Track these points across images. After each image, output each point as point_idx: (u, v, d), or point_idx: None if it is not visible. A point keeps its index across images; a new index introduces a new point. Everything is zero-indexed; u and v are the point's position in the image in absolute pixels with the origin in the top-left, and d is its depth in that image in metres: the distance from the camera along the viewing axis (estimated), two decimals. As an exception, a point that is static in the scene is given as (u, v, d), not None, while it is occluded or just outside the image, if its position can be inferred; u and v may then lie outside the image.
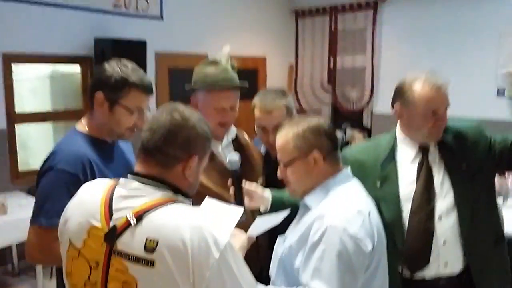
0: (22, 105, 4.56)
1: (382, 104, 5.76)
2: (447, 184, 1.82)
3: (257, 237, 1.58)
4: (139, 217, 1.15)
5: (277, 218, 1.63)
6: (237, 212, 1.57)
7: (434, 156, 1.86)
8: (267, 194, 1.82)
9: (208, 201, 1.66)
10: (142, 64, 4.64)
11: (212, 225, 1.16)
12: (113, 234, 1.16)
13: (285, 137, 1.55)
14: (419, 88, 1.80)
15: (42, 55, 4.49)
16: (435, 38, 5.36)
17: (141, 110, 1.72)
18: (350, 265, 1.37)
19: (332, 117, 6.30)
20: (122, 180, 1.26)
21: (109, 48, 4.50)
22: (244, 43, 5.95)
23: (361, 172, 1.66)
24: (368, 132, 5.73)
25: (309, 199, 1.52)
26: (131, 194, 1.21)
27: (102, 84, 1.66)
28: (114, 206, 1.20)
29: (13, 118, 4.39)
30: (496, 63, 4.99)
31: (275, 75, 6.33)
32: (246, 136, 2.31)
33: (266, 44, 6.28)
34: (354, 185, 1.56)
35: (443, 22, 5.31)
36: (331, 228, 1.37)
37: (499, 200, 2.76)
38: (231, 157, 1.78)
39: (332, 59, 6.06)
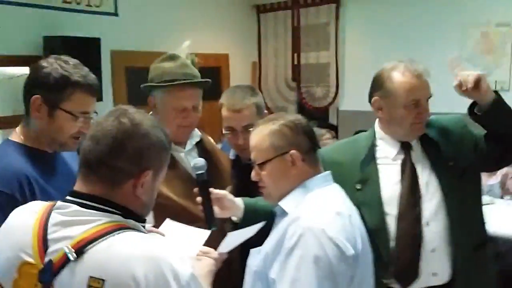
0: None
1: (348, 101, 5.68)
2: (433, 184, 1.70)
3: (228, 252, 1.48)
4: (80, 251, 0.96)
5: (250, 231, 1.50)
6: (202, 235, 1.45)
7: (417, 154, 1.75)
8: (239, 201, 1.70)
9: (168, 223, 1.50)
10: (97, 64, 4.35)
11: (171, 255, 0.98)
12: (48, 272, 0.96)
13: (260, 135, 1.44)
14: (399, 76, 1.68)
15: (-14, 57, 4.13)
16: (399, 32, 5.32)
17: (86, 115, 1.52)
18: (330, 272, 1.25)
19: None
20: (59, 202, 1.05)
21: (60, 47, 4.16)
22: (206, 40, 5.77)
23: (339, 174, 1.55)
24: (335, 130, 5.62)
25: (284, 203, 1.42)
26: (70, 221, 1.00)
27: (38, 85, 1.46)
28: (49, 236, 1.00)
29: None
30: (460, 57, 4.96)
31: (239, 73, 6.21)
32: (211, 140, 2.13)
33: (228, 41, 6.13)
34: (333, 188, 1.47)
35: (407, 16, 5.26)
36: (307, 230, 1.27)
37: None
38: (196, 161, 1.63)
39: (295, 55, 5.98)
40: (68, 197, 1.06)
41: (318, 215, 1.32)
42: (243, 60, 6.35)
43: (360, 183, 1.71)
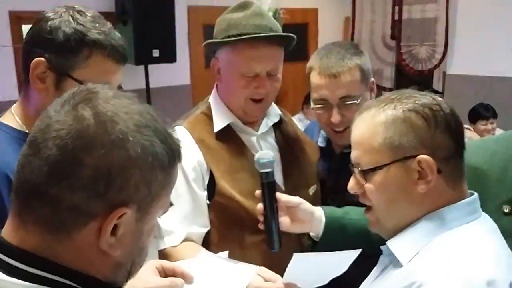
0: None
1: (459, 63, 5.05)
2: None
3: None
4: None
5: (336, 260, 1.10)
6: (247, 273, 1.11)
7: None
8: (319, 213, 1.29)
9: (202, 258, 1.18)
10: (171, 21, 4.06)
11: None
12: None
13: (369, 123, 0.97)
14: None
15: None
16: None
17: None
18: None
19: (396, 79, 5.75)
20: None
21: (131, 2, 3.92)
22: (292, -7, 5.31)
23: (479, 188, 1.05)
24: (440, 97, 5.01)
25: (397, 245, 0.95)
26: None
27: (42, 44, 1.09)
28: None
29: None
30: None
31: (328, 30, 5.80)
32: (294, 122, 1.63)
33: (317, -7, 5.84)
34: (484, 228, 0.96)
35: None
36: None
37: None
38: (263, 155, 1.24)
39: (397, 8, 5.45)
40: None
41: (455, 284, 0.84)
42: (334, 15, 5.94)
43: (510, 204, 1.17)
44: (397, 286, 0.89)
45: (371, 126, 0.95)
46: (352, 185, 1.01)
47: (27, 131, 1.10)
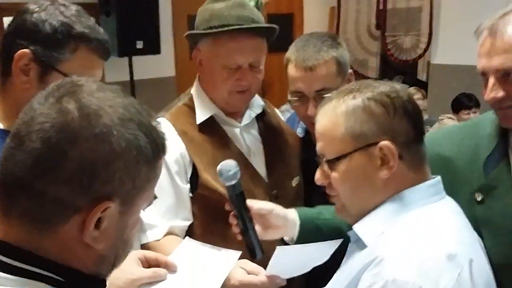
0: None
1: (443, 53, 5.03)
2: None
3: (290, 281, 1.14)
4: None
5: (319, 251, 1.12)
6: (230, 258, 1.12)
7: None
8: (293, 215, 1.27)
9: (186, 245, 1.18)
10: (154, 11, 3.99)
11: None
12: None
13: (331, 114, 0.99)
14: None
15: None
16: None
17: None
18: None
19: (381, 69, 5.73)
20: None
21: None
22: (277, -17, 5.30)
23: (448, 178, 1.07)
24: (425, 88, 5.06)
25: (362, 227, 0.98)
26: None
27: (27, 36, 1.07)
28: None
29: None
30: None
31: (314, 20, 5.77)
32: (278, 112, 1.63)
33: (302, -17, 5.78)
34: (447, 208, 0.99)
35: None
36: (393, 285, 0.84)
37: None
38: (225, 166, 1.17)
39: None
40: None
41: (414, 258, 0.86)
42: (319, 5, 5.90)
43: (482, 192, 1.15)
44: (360, 264, 0.92)
45: (333, 117, 0.97)
46: (318, 176, 1.03)
47: (1, 127, 1.08)
